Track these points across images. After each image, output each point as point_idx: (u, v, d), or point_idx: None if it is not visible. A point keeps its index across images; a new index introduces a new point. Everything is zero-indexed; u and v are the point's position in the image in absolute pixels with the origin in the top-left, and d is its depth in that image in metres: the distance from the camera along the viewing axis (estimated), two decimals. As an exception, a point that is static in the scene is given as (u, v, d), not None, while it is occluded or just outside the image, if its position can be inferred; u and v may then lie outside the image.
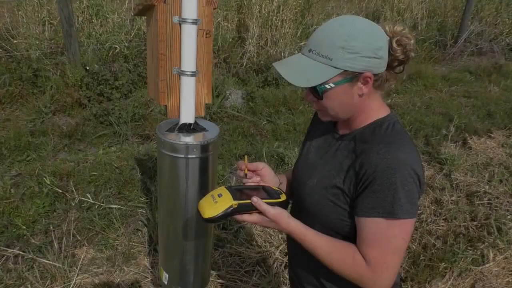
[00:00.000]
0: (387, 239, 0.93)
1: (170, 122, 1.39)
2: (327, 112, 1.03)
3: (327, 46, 0.94)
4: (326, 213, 1.04)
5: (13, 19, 5.01)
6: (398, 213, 0.91)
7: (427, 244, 2.68)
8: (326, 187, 1.04)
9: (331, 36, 0.94)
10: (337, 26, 0.95)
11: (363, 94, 0.98)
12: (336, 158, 1.06)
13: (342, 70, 0.94)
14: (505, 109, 5.09)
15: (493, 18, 7.63)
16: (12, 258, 2.36)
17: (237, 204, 0.98)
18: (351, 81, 0.96)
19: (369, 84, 0.97)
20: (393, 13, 7.16)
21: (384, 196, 0.92)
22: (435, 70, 6.37)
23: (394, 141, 0.96)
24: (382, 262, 0.94)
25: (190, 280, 1.51)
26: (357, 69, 0.94)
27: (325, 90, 0.97)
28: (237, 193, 1.02)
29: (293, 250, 1.26)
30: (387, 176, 0.91)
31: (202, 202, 1.04)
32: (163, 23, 1.22)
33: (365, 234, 0.96)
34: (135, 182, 3.08)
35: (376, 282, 0.95)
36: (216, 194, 1.02)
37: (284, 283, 2.35)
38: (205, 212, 1.00)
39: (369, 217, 0.94)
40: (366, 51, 0.93)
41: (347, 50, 0.92)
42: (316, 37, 0.98)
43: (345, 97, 0.99)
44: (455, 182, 3.36)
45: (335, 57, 0.93)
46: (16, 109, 4.07)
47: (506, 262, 2.59)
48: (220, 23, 5.59)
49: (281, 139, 3.96)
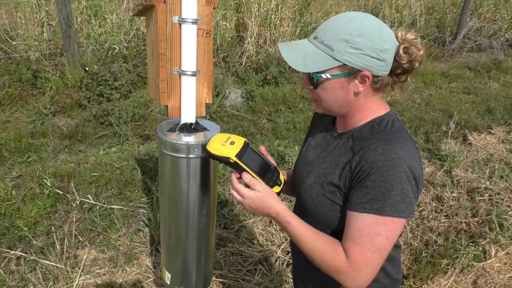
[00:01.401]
0: (370, 236, 0.93)
1: (171, 122, 1.38)
2: (321, 103, 1.04)
3: (332, 37, 0.94)
4: (324, 211, 1.04)
5: (12, 20, 5.01)
6: (387, 210, 0.91)
7: (428, 241, 2.69)
8: (323, 184, 1.05)
9: (337, 28, 0.94)
10: (347, 20, 0.95)
11: (359, 92, 0.98)
12: (333, 155, 1.06)
13: (341, 63, 0.94)
14: (505, 105, 5.09)
15: (492, 14, 7.63)
16: (15, 259, 2.37)
17: (234, 161, 1.02)
18: (348, 76, 0.96)
19: (367, 84, 0.97)
20: (392, 10, 7.15)
21: (375, 193, 0.91)
22: (435, 67, 6.37)
23: (392, 139, 0.96)
24: (362, 259, 0.93)
25: (192, 279, 1.51)
26: (356, 65, 0.93)
27: (320, 79, 0.97)
28: (247, 153, 1.04)
29: (296, 250, 1.25)
30: (382, 173, 0.91)
31: (217, 135, 1.09)
32: (163, 23, 1.22)
33: (350, 229, 0.96)
34: (136, 182, 3.08)
35: (353, 278, 0.94)
36: (231, 140, 1.06)
37: (287, 281, 2.35)
38: (210, 144, 1.07)
39: (356, 211, 0.94)
40: (369, 49, 0.92)
41: (350, 44, 0.92)
42: (324, 26, 0.98)
43: (340, 92, 0.98)
44: (455, 178, 3.36)
45: (337, 49, 0.93)
46: (16, 111, 4.07)
47: (508, 257, 2.59)
48: (219, 22, 5.59)
49: (281, 138, 3.97)
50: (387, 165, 0.91)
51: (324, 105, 1.03)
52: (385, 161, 0.91)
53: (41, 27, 4.93)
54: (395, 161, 0.91)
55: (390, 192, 0.90)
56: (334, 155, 1.06)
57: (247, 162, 1.04)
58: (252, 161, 1.05)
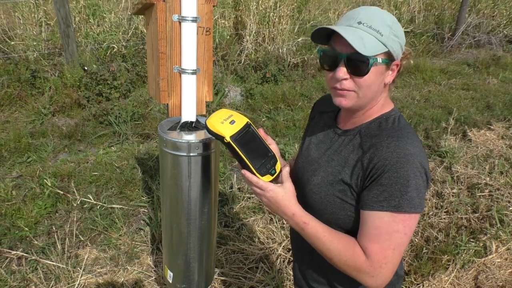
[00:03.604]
0: (389, 234, 0.92)
1: (172, 121, 1.38)
2: (357, 92, 0.96)
3: (378, 22, 0.92)
4: (334, 210, 1.03)
5: (10, 20, 5.00)
6: (405, 207, 0.91)
7: (429, 237, 2.69)
8: (332, 183, 1.03)
9: (379, 14, 0.93)
10: (378, 10, 0.94)
11: (388, 83, 0.98)
12: (340, 153, 1.05)
13: (387, 49, 0.92)
14: (504, 101, 5.10)
15: (490, 10, 7.62)
16: (16, 260, 2.37)
17: (228, 142, 0.98)
18: (388, 63, 0.95)
19: (394, 73, 0.97)
20: (390, 7, 7.15)
21: (392, 190, 0.91)
22: (433, 64, 6.37)
23: (402, 135, 0.96)
24: (382, 257, 0.93)
25: (194, 278, 1.51)
26: (395, 53, 0.94)
27: (374, 63, 0.92)
28: (245, 136, 1.01)
29: (298, 248, 1.25)
30: (396, 170, 0.91)
31: (221, 110, 1.04)
32: (163, 21, 1.22)
33: (367, 228, 0.95)
34: (136, 181, 3.08)
35: (374, 276, 0.94)
36: (232, 119, 1.02)
37: (288, 279, 2.36)
38: (210, 118, 1.02)
39: (374, 210, 0.93)
40: (401, 39, 0.94)
41: (393, 31, 0.92)
42: (364, 12, 0.94)
43: (379, 79, 0.96)
44: (455, 174, 3.36)
45: (385, 34, 0.92)
46: (15, 111, 4.07)
47: (508, 253, 2.60)
48: (217, 20, 5.58)
49: (281, 135, 3.96)
50: (400, 162, 0.91)
51: (361, 95, 0.96)
52: (398, 158, 0.91)
53: (39, 26, 4.92)
54: (408, 157, 0.91)
55: (406, 188, 0.90)
56: (342, 152, 1.05)
57: (242, 146, 0.99)
58: (247, 145, 1.00)
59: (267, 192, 0.99)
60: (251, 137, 1.03)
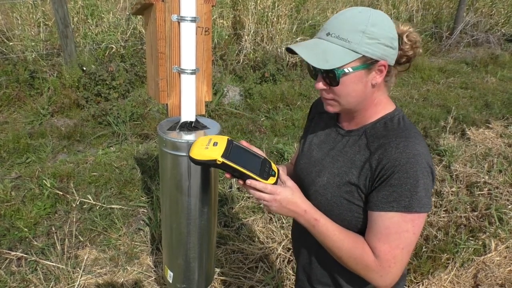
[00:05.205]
0: (398, 234, 0.93)
1: (171, 121, 1.38)
2: (338, 101, 1.00)
3: (347, 30, 0.93)
4: (341, 211, 1.03)
5: (8, 21, 4.99)
6: (415, 207, 0.91)
7: (428, 236, 2.70)
8: (339, 185, 1.03)
9: (351, 20, 0.94)
10: (355, 12, 0.95)
11: (376, 84, 0.98)
12: (345, 154, 1.05)
13: (361, 55, 0.93)
14: (503, 99, 5.11)
15: (488, 8, 7.64)
16: (15, 260, 2.36)
17: (222, 162, 0.97)
18: (368, 68, 0.95)
19: (383, 74, 0.97)
20: (388, 6, 7.15)
21: (402, 190, 0.91)
22: (432, 62, 6.38)
23: (410, 135, 0.96)
24: (391, 256, 0.93)
25: (194, 277, 1.51)
26: (375, 55, 0.93)
27: (343, 74, 0.94)
28: (233, 151, 1.00)
29: (301, 249, 1.24)
30: (406, 170, 0.91)
31: (198, 140, 1.04)
32: (162, 21, 1.22)
33: (376, 228, 0.95)
34: (136, 181, 3.08)
35: (383, 276, 0.95)
36: (214, 141, 1.01)
37: (288, 278, 2.36)
38: (192, 150, 1.01)
39: (383, 211, 0.93)
40: (384, 39, 0.93)
41: (367, 34, 0.92)
42: (334, 21, 0.96)
43: (359, 85, 0.97)
44: (454, 173, 3.37)
45: (354, 41, 0.92)
46: (14, 112, 4.06)
47: (507, 251, 2.60)
48: (216, 20, 5.58)
49: (280, 135, 3.97)
50: (410, 162, 0.91)
51: (343, 102, 1.00)
52: (408, 158, 0.91)
53: (37, 27, 4.91)
54: (417, 158, 0.92)
55: (416, 188, 0.90)
56: (347, 153, 1.04)
57: (235, 160, 0.99)
58: (240, 158, 1.00)
59: (277, 195, 0.98)
60: (239, 150, 1.03)
